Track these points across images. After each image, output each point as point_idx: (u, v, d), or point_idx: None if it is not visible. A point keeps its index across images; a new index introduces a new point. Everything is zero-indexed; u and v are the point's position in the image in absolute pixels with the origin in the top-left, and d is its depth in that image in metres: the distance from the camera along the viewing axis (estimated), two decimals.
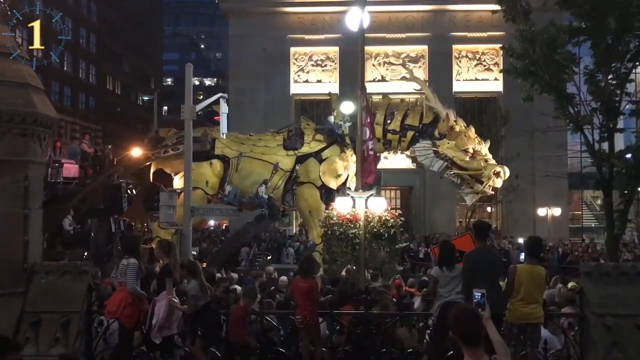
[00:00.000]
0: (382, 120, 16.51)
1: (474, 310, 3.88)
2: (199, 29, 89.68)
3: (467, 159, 15.24)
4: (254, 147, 17.09)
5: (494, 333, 4.07)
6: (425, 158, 15.82)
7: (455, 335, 3.67)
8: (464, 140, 15.28)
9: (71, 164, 20.61)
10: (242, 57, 35.34)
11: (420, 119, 16.21)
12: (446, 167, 15.54)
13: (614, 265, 7.75)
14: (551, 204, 33.13)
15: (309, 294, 7.83)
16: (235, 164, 16.75)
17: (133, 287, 7.54)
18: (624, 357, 6.89)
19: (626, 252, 22.12)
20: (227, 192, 16.40)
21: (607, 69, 13.12)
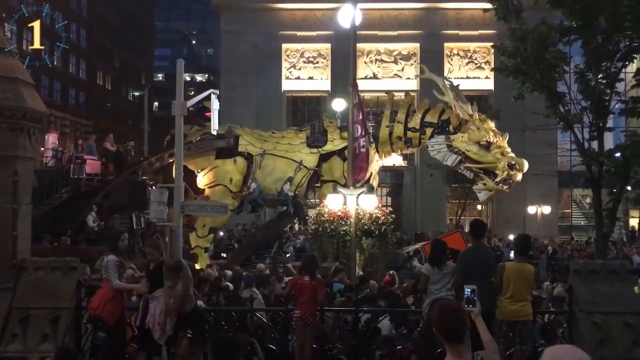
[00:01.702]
0: (404, 118, 16.48)
1: (458, 306, 3.87)
2: (190, 24, 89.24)
3: (481, 152, 14.96)
4: (277, 145, 17.05)
5: (483, 329, 4.08)
6: (438, 152, 15.64)
7: (438, 331, 3.66)
8: (476, 133, 15.02)
9: (93, 160, 20.60)
10: (234, 53, 35.24)
11: (440, 115, 16.15)
12: (460, 161, 15.26)
13: (602, 263, 7.80)
14: (541, 202, 33.32)
15: (314, 293, 7.79)
16: (258, 161, 16.72)
17: (117, 283, 7.49)
18: (612, 354, 6.94)
19: (614, 250, 22.29)
20: (252, 189, 16.39)
21: (597, 68, 13.19)
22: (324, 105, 34.86)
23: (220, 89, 31.73)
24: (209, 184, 16.83)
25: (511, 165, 14.36)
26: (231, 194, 16.58)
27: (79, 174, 19.47)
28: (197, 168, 17.04)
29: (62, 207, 18.98)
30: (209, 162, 16.83)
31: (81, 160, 19.86)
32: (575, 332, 7.38)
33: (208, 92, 16.10)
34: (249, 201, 16.46)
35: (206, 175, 16.89)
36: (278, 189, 16.41)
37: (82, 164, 19.69)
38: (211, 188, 16.73)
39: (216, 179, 16.69)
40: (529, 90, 14.12)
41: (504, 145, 14.96)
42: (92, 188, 19.29)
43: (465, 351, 3.63)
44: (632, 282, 7.26)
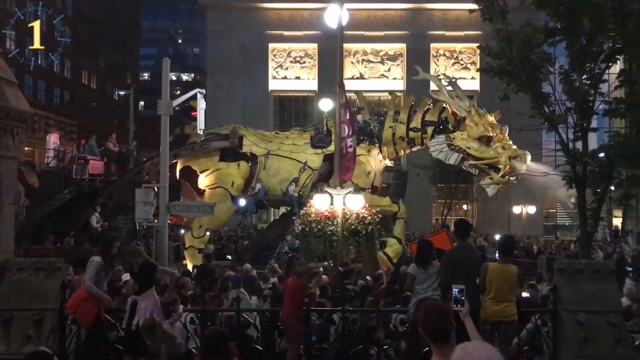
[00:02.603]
0: (406, 118, 16.51)
1: (444, 306, 3.88)
2: (176, 23, 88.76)
3: (481, 147, 14.94)
4: (281, 145, 17.04)
5: (471, 329, 4.09)
6: (440, 152, 15.65)
7: (424, 331, 3.66)
8: (474, 129, 15.03)
9: (96, 160, 20.42)
10: (220, 53, 35.13)
11: (440, 114, 16.19)
12: (462, 159, 15.27)
13: (586, 263, 7.87)
14: (526, 201, 33.56)
15: (293, 293, 7.81)
16: (263, 161, 16.71)
17: (89, 285, 7.43)
18: (596, 353, 7.01)
19: (599, 250, 22.50)
20: (257, 189, 16.37)
21: (581, 69, 13.29)
22: (311, 105, 34.87)
23: (207, 88, 31.67)
24: (210, 185, 16.79)
25: (513, 157, 14.41)
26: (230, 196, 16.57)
27: (81, 174, 19.33)
28: (200, 169, 17.01)
29: (64, 208, 18.85)
30: (212, 163, 16.78)
31: (84, 160, 19.72)
32: (560, 331, 7.44)
33: (194, 92, 16.04)
34: (254, 202, 16.42)
35: (208, 176, 16.85)
36: (283, 189, 16.43)
37: (85, 165, 19.56)
38: (212, 190, 16.68)
39: (218, 181, 16.65)
40: (514, 91, 14.21)
41: (505, 139, 14.99)
42: (95, 188, 19.16)
43: (450, 351, 3.63)
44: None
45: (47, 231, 18.40)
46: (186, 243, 16.87)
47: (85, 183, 19.12)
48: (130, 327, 7.38)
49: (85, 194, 18.91)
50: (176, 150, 16.77)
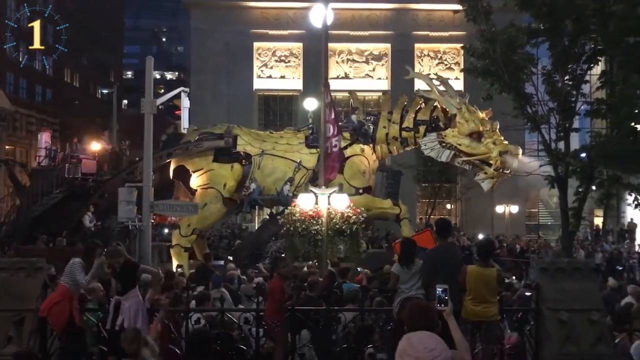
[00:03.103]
0: (399, 118, 16.56)
1: (428, 306, 3.90)
2: (160, 22, 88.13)
3: (472, 144, 15.03)
4: (276, 145, 16.99)
5: (455, 328, 4.12)
6: (432, 150, 15.73)
7: (409, 330, 3.68)
8: (465, 126, 15.11)
9: (89, 159, 20.17)
10: (205, 51, 34.96)
11: (431, 112, 16.26)
12: (454, 156, 15.38)
13: (568, 261, 7.95)
14: (509, 201, 33.81)
15: (272, 293, 7.81)
16: (257, 161, 16.65)
17: (65, 280, 7.38)
18: (577, 351, 7.08)
19: (580, 250, 22.74)
20: (252, 189, 16.31)
21: (563, 70, 13.43)
22: (295, 105, 34.84)
23: (191, 87, 31.50)
24: (202, 185, 16.72)
25: (503, 152, 14.51)
26: (221, 198, 16.50)
27: (74, 173, 19.12)
28: (194, 168, 16.92)
29: (57, 207, 18.63)
30: (206, 162, 16.70)
31: (77, 159, 19.50)
32: (542, 329, 7.51)
33: (178, 90, 15.96)
34: (248, 201, 16.37)
35: (200, 176, 16.76)
36: (278, 189, 16.38)
37: (77, 164, 19.35)
38: (203, 190, 16.60)
39: (210, 182, 16.59)
40: (498, 91, 14.32)
41: (496, 134, 15.10)
42: (88, 188, 18.96)
43: None
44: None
45: (39, 231, 18.21)
46: (173, 241, 16.77)
47: (78, 182, 18.94)
48: (114, 327, 7.32)
49: (78, 193, 18.74)
50: (170, 150, 16.70)
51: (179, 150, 16.81)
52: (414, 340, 2.81)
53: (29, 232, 18.40)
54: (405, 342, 2.81)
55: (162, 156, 16.90)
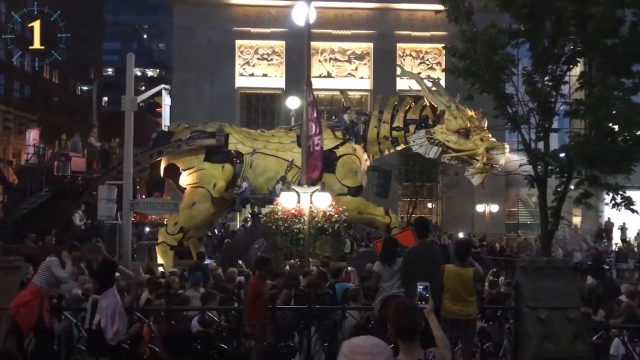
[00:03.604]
0: (390, 118, 16.62)
1: (414, 305, 3.92)
2: (141, 18, 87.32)
3: (460, 140, 15.22)
4: (267, 144, 16.93)
5: (435, 326, 4.14)
6: (420, 146, 15.86)
7: (393, 329, 3.69)
8: (453, 122, 15.27)
9: (78, 157, 19.87)
10: (187, 49, 34.73)
11: (421, 112, 16.37)
12: (442, 152, 15.54)
13: (547, 260, 8.04)
14: (489, 200, 34.11)
15: (249, 292, 7.79)
16: (249, 160, 16.57)
17: (38, 280, 7.29)
18: (556, 349, 7.17)
19: (559, 248, 23.02)
20: (244, 187, 16.21)
21: (543, 70, 13.54)
22: (278, 103, 34.78)
23: (173, 84, 31.27)
24: (192, 184, 16.61)
25: (490, 148, 14.71)
26: (210, 198, 16.40)
27: (63, 171, 18.86)
28: (184, 166, 16.82)
29: (46, 206, 18.40)
30: (197, 161, 16.59)
31: (65, 157, 19.24)
32: (521, 327, 7.59)
33: (159, 88, 15.84)
34: (240, 200, 16.30)
35: (191, 175, 16.65)
36: (270, 188, 16.32)
37: (67, 162, 19.09)
38: (193, 189, 16.48)
39: (200, 181, 16.49)
40: (478, 91, 14.41)
41: (484, 132, 15.30)
42: (77, 186, 18.72)
43: (417, 349, 3.67)
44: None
45: (28, 229, 17.99)
46: (159, 239, 16.65)
47: (67, 180, 18.71)
48: (91, 327, 7.24)
49: (67, 191, 18.52)
50: (161, 147, 16.60)
51: (171, 148, 16.69)
52: (359, 340, 2.86)
53: (16, 230, 18.19)
54: (350, 345, 2.86)
55: (153, 154, 16.78)
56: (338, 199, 16.10)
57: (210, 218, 18.18)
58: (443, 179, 31.57)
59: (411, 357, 3.60)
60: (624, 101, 12.04)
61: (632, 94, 12.17)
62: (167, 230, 16.38)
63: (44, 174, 19.12)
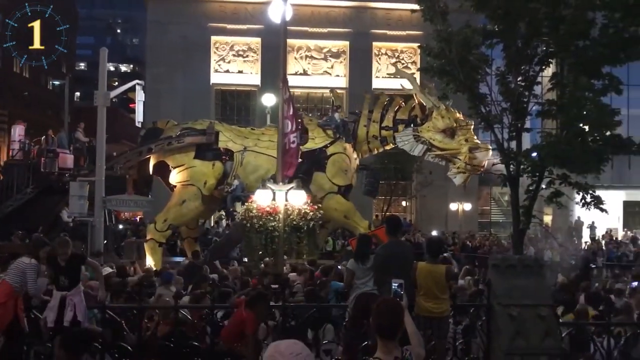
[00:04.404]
0: (379, 117, 16.69)
1: (396, 304, 3.93)
2: (115, 12, 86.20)
3: (445, 139, 15.45)
4: (258, 142, 16.82)
5: (409, 323, 4.17)
6: (406, 143, 16.01)
7: (374, 326, 3.71)
8: (440, 121, 15.47)
9: (66, 153, 19.48)
10: (161, 44, 34.35)
11: (410, 112, 16.51)
12: (427, 150, 15.73)
13: (519, 258, 8.15)
14: (462, 199, 34.47)
15: (230, 328, 7.68)
16: (239, 158, 16.41)
17: (12, 280, 7.15)
18: (526, 345, 7.28)
19: (530, 247, 23.37)
20: (234, 186, 16.08)
21: (517, 71, 13.70)
22: (253, 100, 34.63)
23: (146, 80, 30.89)
24: (183, 182, 16.44)
25: (472, 149, 14.93)
26: (201, 195, 16.27)
27: (50, 168, 18.53)
28: (174, 164, 16.62)
29: (33, 202, 18.08)
30: (187, 159, 16.42)
31: (53, 153, 18.89)
32: (493, 324, 7.68)
33: (133, 83, 15.66)
34: (232, 198, 16.20)
35: (181, 172, 16.48)
36: (261, 186, 16.23)
37: (54, 158, 18.75)
38: (184, 186, 16.29)
39: (191, 179, 16.33)
40: (453, 91, 14.53)
41: (470, 133, 15.54)
42: (65, 182, 18.41)
43: (395, 348, 3.70)
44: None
45: (15, 226, 17.68)
46: (147, 235, 16.46)
47: (55, 177, 18.44)
48: (62, 323, 7.11)
49: (54, 188, 18.25)
50: (150, 145, 16.41)
51: (160, 145, 16.52)
52: (281, 347, 2.89)
53: (3, 227, 17.89)
54: (272, 350, 2.89)
55: (143, 151, 16.59)
56: (330, 197, 16.23)
57: (200, 216, 18.08)
58: (417, 177, 31.81)
59: (389, 356, 3.62)
60: (594, 102, 12.25)
61: (602, 95, 12.40)
62: (156, 227, 16.21)
63: (30, 171, 18.84)
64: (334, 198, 16.51)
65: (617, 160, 24.03)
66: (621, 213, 34.85)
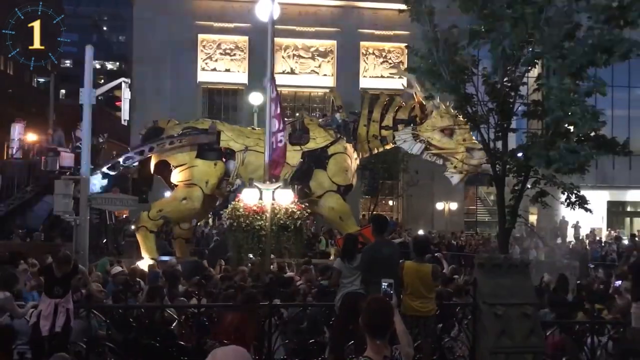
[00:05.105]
0: (379, 117, 16.77)
1: (386, 303, 3.94)
2: (101, 9, 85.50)
3: (443, 139, 15.62)
4: (259, 141, 16.75)
5: (398, 322, 4.19)
6: (404, 142, 16.20)
7: (364, 325, 3.71)
8: (439, 121, 15.62)
9: (67, 152, 19.31)
10: (147, 42, 34.14)
11: (410, 112, 16.60)
12: (425, 149, 15.89)
13: (504, 257, 8.22)
14: (448, 198, 34.63)
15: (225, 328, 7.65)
16: (241, 157, 16.35)
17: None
18: (511, 344, 7.34)
19: (516, 246, 23.54)
20: (236, 185, 16.02)
21: (503, 72, 13.78)
22: (240, 98, 34.54)
23: (132, 78, 30.69)
24: (185, 181, 16.36)
25: (469, 149, 15.09)
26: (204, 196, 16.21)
27: (52, 166, 18.37)
28: (176, 163, 16.58)
29: (33, 202, 17.93)
30: (189, 158, 16.38)
31: (54, 152, 18.72)
32: (479, 323, 7.74)
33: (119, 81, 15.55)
34: (234, 198, 16.19)
35: (183, 172, 16.42)
36: None
37: (55, 157, 18.59)
38: (185, 186, 16.17)
39: (193, 178, 16.27)
40: (439, 91, 14.61)
41: (468, 134, 15.68)
42: None
43: (385, 347, 3.71)
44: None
45: (16, 226, 17.52)
46: (139, 222, 16.36)
47: (55, 176, 18.32)
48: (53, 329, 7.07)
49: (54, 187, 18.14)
50: (152, 144, 16.35)
51: (162, 144, 16.45)
52: (218, 355, 2.89)
53: (4, 227, 17.75)
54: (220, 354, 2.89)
55: (145, 150, 16.51)
56: (329, 195, 16.31)
57: (195, 217, 18.06)
58: (404, 177, 31.91)
59: (379, 355, 3.64)
60: (579, 103, 12.36)
61: (586, 97, 12.52)
62: (149, 214, 16.12)
63: (30, 169, 18.69)
64: (333, 197, 16.63)
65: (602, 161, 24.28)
66: (605, 213, 35.22)
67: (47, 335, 7.16)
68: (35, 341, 7.22)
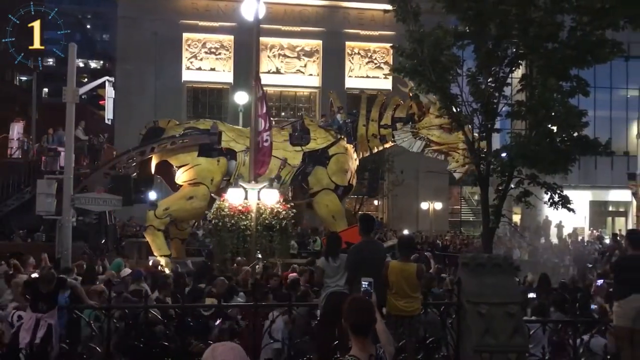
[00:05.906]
0: (377, 116, 16.81)
1: (368, 301, 3.96)
2: (85, 7, 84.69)
3: (443, 135, 15.72)
4: None
5: (379, 321, 4.20)
6: (404, 140, 16.29)
7: (347, 324, 3.72)
8: (437, 118, 15.70)
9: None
10: (131, 41, 33.92)
11: (408, 110, 16.67)
12: (425, 146, 15.99)
13: (488, 257, 8.25)
14: (433, 198, 34.82)
15: None
16: (242, 158, 16.32)
17: None
18: (495, 343, 7.37)
19: (500, 245, 23.69)
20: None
21: (487, 72, 13.88)
22: (226, 98, 34.45)
23: (116, 77, 30.50)
24: (189, 180, 16.27)
25: None
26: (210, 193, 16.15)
27: (52, 167, 18.16)
28: (178, 163, 16.48)
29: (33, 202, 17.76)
30: (191, 158, 16.30)
31: (54, 152, 18.50)
32: (463, 322, 7.77)
33: (103, 79, 15.42)
34: None
35: (187, 172, 16.31)
36: None
37: (55, 157, 18.37)
38: (193, 186, 16.10)
39: (198, 177, 16.20)
40: (425, 91, 14.68)
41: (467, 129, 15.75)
42: None
43: (369, 345, 3.72)
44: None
45: (17, 226, 17.30)
46: (147, 221, 16.28)
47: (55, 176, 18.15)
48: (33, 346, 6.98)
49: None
50: (153, 144, 16.24)
51: (163, 144, 16.34)
52: (218, 350, 2.89)
53: (4, 227, 17.53)
54: (209, 353, 2.89)
55: (146, 151, 16.40)
56: (326, 192, 16.35)
57: (201, 216, 18.01)
58: (389, 176, 32.02)
59: (364, 353, 3.65)
60: (562, 103, 12.48)
61: (569, 97, 12.64)
62: (156, 213, 16.06)
63: (29, 169, 18.49)
64: (329, 195, 16.70)
65: (584, 161, 24.54)
66: (587, 212, 35.61)
67: (24, 348, 7.07)
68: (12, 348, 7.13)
